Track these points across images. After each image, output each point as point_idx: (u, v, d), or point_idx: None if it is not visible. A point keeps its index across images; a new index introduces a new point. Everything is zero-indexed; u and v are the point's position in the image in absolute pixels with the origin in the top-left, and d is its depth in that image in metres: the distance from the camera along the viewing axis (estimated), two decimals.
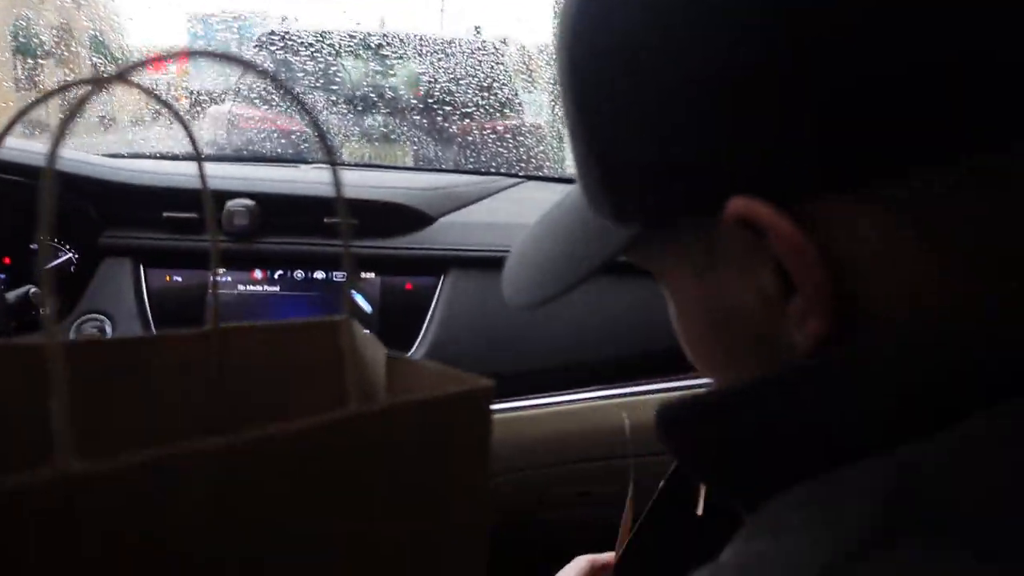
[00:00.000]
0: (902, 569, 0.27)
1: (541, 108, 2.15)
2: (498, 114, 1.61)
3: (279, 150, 1.68)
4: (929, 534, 0.28)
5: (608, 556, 0.81)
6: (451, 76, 1.62)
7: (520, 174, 1.48)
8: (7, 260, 1.14)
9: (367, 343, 0.43)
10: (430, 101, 1.69)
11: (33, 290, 1.02)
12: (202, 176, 0.41)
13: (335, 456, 0.27)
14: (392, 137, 1.80)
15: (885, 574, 0.28)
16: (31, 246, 1.13)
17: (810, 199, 0.31)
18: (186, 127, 0.38)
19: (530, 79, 2.23)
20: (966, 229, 0.31)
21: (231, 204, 1.13)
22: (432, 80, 1.68)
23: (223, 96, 2.10)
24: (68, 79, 1.83)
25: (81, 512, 0.22)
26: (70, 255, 1.14)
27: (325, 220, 1.17)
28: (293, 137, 1.78)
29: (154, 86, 2.03)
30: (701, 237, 0.35)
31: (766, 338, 0.35)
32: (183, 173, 1.21)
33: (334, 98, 1.79)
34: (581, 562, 0.81)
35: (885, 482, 0.29)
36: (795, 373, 0.33)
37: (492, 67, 1.62)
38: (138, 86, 0.34)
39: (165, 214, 1.14)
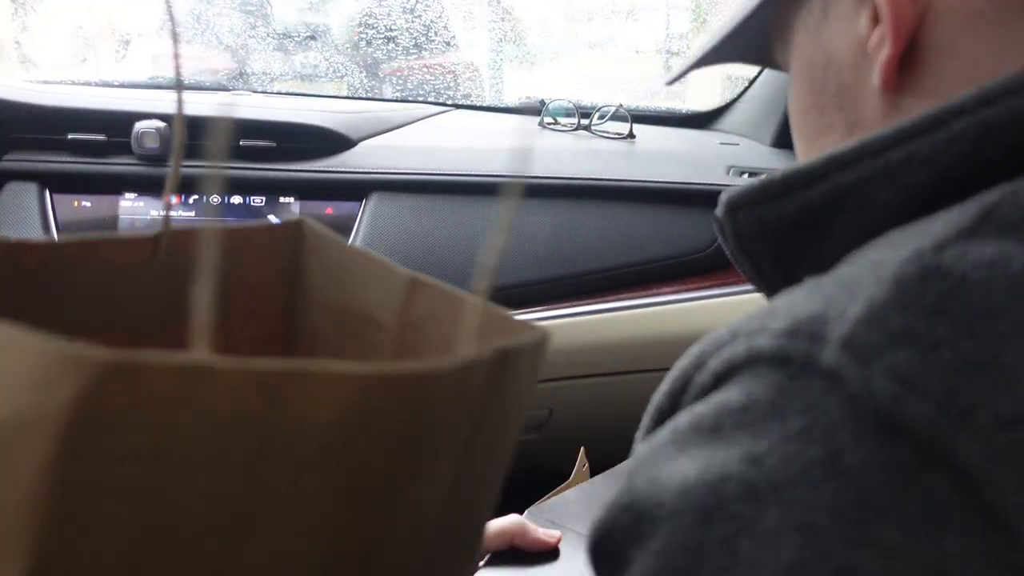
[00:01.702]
0: (979, 254, 0.29)
1: (477, 46, 2.11)
2: (424, 38, 1.58)
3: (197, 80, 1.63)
4: (1007, 233, 0.30)
5: (542, 534, 0.72)
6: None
7: (448, 103, 1.45)
8: None
9: (328, 246, 0.42)
10: (359, 30, 1.65)
11: None
12: (179, 102, 0.38)
13: (447, 402, 0.26)
14: (322, 73, 1.75)
15: (962, 257, 0.29)
16: None
17: None
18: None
19: (469, 16, 2.19)
20: None
21: (140, 126, 1.09)
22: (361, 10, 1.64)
23: (149, 33, 2.02)
24: None
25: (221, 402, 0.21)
26: None
27: (241, 143, 1.13)
28: (218, 75, 1.73)
29: (81, 24, 1.95)
30: None
31: (849, 88, 0.41)
32: (89, 95, 1.16)
33: (264, 32, 1.74)
34: (513, 522, 0.73)
35: (976, 207, 0.31)
36: (861, 147, 0.36)
37: None
38: None
39: (71, 136, 1.09)
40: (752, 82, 1.41)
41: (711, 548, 0.27)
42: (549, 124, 1.35)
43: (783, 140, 1.34)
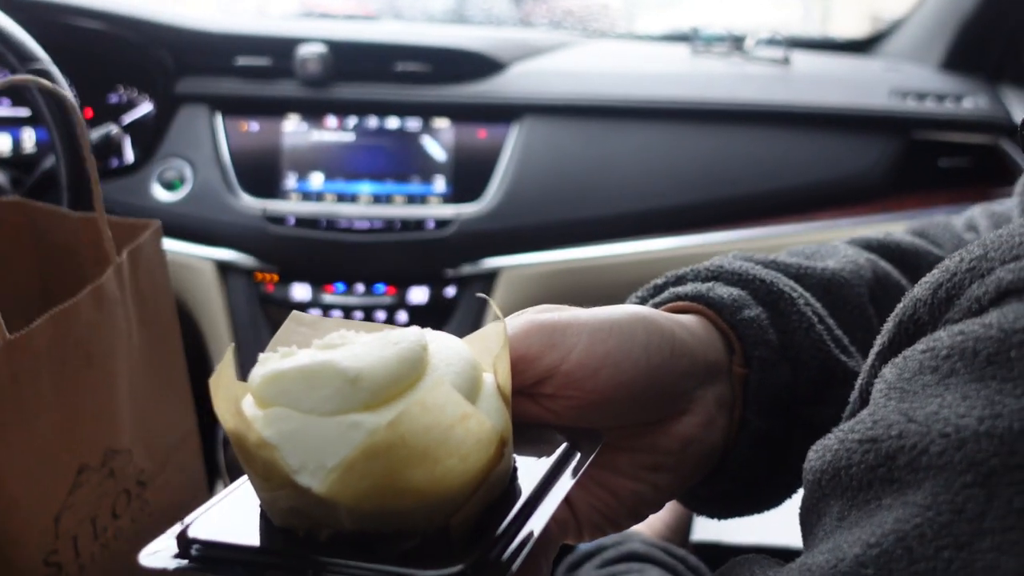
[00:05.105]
0: None
1: None
2: None
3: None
4: None
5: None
6: None
7: (594, 33, 1.44)
8: (89, 111, 1.16)
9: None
10: None
11: (115, 130, 1.03)
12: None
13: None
14: (465, 14, 1.77)
15: None
16: (110, 96, 1.15)
17: None
18: None
19: None
20: None
21: (303, 50, 1.12)
22: None
23: None
24: None
25: None
26: (150, 106, 1.16)
27: (397, 67, 1.15)
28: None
29: None
30: None
31: None
32: (253, 20, 1.20)
33: None
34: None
35: None
36: None
37: None
38: None
39: (238, 61, 1.14)
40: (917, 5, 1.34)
41: (997, 515, 0.23)
42: (701, 51, 1.32)
43: (954, 60, 1.26)
